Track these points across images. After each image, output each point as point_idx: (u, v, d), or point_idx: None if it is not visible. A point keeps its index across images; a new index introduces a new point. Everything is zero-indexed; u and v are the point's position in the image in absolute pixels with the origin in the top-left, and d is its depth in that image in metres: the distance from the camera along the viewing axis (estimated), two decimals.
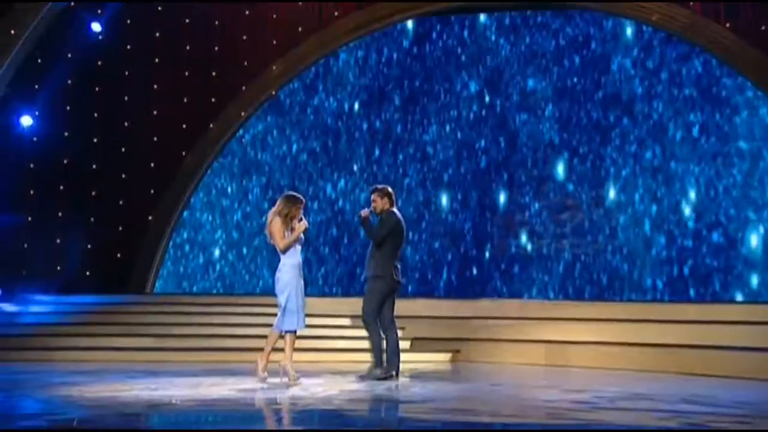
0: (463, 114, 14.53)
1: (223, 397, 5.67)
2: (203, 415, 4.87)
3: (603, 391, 6.70)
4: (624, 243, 13.99)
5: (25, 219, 13.07)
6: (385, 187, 7.67)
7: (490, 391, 6.79)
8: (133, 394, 5.80)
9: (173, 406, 5.21)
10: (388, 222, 7.44)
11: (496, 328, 10.80)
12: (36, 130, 13.55)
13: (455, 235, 14.33)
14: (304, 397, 5.89)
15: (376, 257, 7.41)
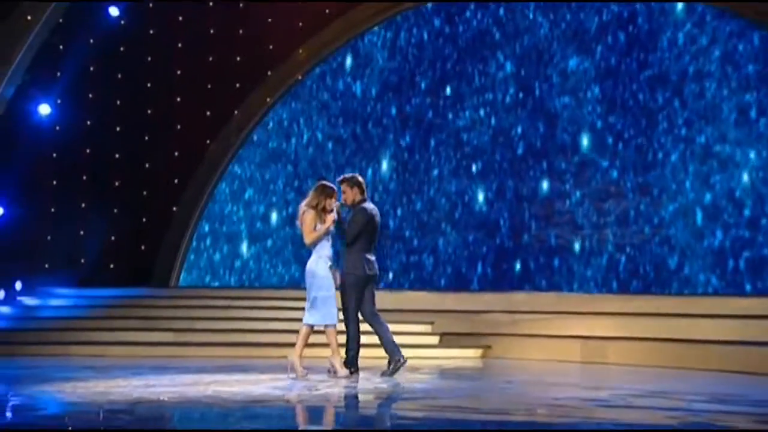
0: (498, 97, 14.31)
1: (213, 395, 5.67)
2: (181, 412, 4.86)
3: (624, 388, 6.62)
4: (673, 233, 13.64)
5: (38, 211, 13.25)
6: (354, 175, 7.59)
7: (498, 389, 6.75)
8: (124, 391, 5.88)
9: (154, 404, 5.25)
10: (358, 220, 7.39)
11: (530, 323, 10.65)
12: (58, 119, 13.72)
13: (490, 226, 14.14)
14: (282, 394, 5.81)
15: (349, 252, 7.39)
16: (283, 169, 14.81)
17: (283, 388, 6.29)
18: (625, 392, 6.24)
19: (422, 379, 7.19)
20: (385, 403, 5.63)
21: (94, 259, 14.00)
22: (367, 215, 7.44)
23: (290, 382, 6.63)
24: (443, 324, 10.98)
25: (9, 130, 11.61)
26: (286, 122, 14.87)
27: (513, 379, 7.74)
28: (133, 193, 14.12)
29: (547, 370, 8.54)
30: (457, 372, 8.44)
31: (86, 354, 9.64)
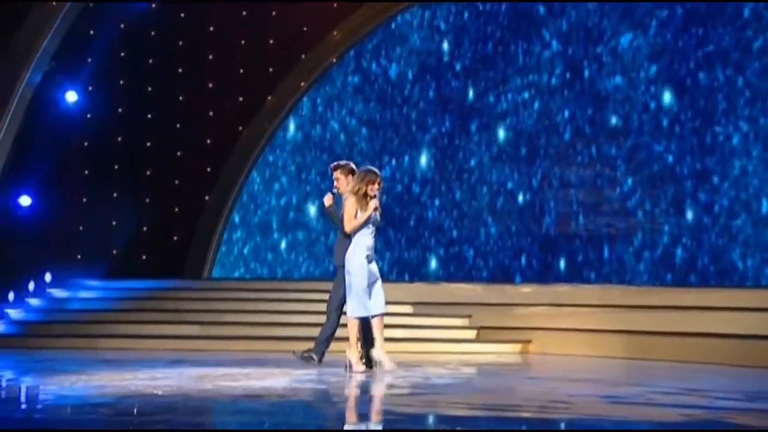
0: (543, 79, 14.06)
1: (212, 389, 5.76)
2: (159, 406, 4.95)
3: (653, 386, 6.52)
4: (734, 223, 13.25)
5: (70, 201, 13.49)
6: (348, 162, 7.52)
7: (514, 385, 6.66)
8: (122, 385, 6.02)
9: (144, 398, 5.33)
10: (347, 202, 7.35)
11: (572, 317, 10.50)
12: (89, 107, 13.95)
13: (535, 215, 13.93)
14: (273, 389, 5.81)
15: (341, 242, 7.35)
16: (318, 157, 14.83)
17: (292, 381, 6.28)
18: (652, 389, 6.16)
19: (438, 374, 7.14)
20: (368, 399, 5.61)
21: (126, 250, 14.23)
22: None
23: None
24: (481, 318, 10.89)
25: (36, 118, 11.85)
26: (320, 107, 14.88)
27: (540, 375, 7.67)
28: (165, 182, 14.32)
29: (582, 366, 8.41)
30: (484, 367, 8.37)
31: (111, 347, 9.81)
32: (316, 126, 14.98)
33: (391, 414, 4.87)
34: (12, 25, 11.24)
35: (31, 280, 12.18)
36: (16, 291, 11.86)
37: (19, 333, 10.81)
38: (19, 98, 11.22)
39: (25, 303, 11.76)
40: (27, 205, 11.99)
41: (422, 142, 14.36)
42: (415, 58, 14.51)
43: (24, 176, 11.94)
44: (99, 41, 13.85)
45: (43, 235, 12.71)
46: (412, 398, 5.63)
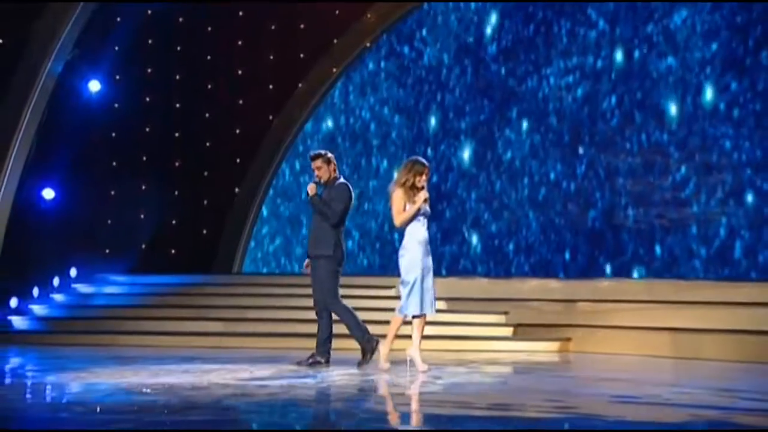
0: (588, 61, 13.77)
1: (204, 386, 5.78)
2: (135, 404, 5.01)
3: (682, 385, 6.43)
4: None
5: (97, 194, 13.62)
6: (326, 152, 7.58)
7: (530, 384, 6.58)
8: (117, 382, 6.01)
9: (131, 394, 5.43)
10: (343, 196, 7.40)
11: (616, 313, 10.30)
12: (117, 96, 14.07)
13: (580, 206, 13.67)
14: (265, 387, 5.80)
15: (327, 233, 7.35)
16: (351, 146, 14.77)
17: (292, 380, 6.27)
18: (677, 390, 6.06)
19: (454, 373, 7.04)
20: (352, 398, 5.59)
21: (155, 244, 14.35)
22: (351, 190, 7.53)
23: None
24: (519, 314, 10.75)
25: (59, 109, 11.98)
26: (352, 94, 14.81)
27: (566, 374, 7.56)
28: (194, 174, 14.40)
29: (619, 365, 8.26)
30: (512, 366, 8.24)
31: (131, 344, 9.90)
32: (348, 114, 14.92)
33: (367, 413, 4.87)
34: (32, 13, 11.38)
35: (56, 276, 12.36)
36: (41, 286, 12.05)
37: (41, 329, 10.97)
38: (41, 89, 11.35)
39: (50, 299, 11.94)
40: (50, 198, 12.14)
41: (459, 130, 14.19)
42: (452, 40, 14.34)
43: (48, 169, 12.09)
44: (125, 28, 13.95)
45: (70, 229, 12.87)
46: (402, 398, 5.58)
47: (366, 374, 6.86)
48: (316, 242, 7.39)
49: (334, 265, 7.38)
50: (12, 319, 11.18)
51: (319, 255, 7.36)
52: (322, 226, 7.38)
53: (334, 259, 7.37)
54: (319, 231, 7.40)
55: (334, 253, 7.35)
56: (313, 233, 7.46)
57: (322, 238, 7.36)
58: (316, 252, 7.40)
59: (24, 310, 11.51)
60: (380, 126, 14.68)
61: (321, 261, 7.36)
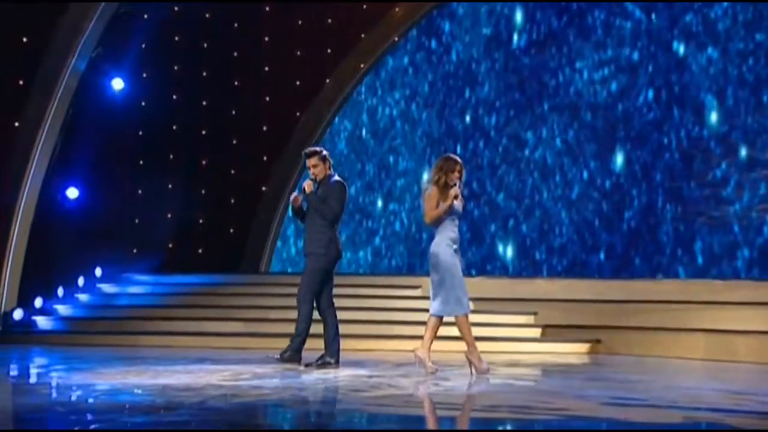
0: (623, 53, 13.60)
1: (197, 386, 5.84)
2: (110, 407, 5.09)
3: (687, 388, 6.40)
4: None
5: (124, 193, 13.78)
6: (321, 149, 7.63)
7: (533, 385, 6.64)
8: (112, 382, 6.12)
9: (120, 393, 5.56)
10: (341, 193, 7.47)
11: (648, 314, 10.20)
12: (144, 94, 14.23)
13: (615, 204, 13.51)
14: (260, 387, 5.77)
15: (322, 231, 7.40)
16: (378, 144, 14.77)
17: (290, 382, 6.30)
18: (685, 392, 6.05)
19: (462, 375, 7.03)
20: (341, 399, 5.64)
21: (182, 243, 14.50)
22: (347, 187, 7.59)
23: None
24: (547, 315, 10.68)
25: (84, 107, 12.14)
26: (380, 90, 14.81)
27: (582, 375, 7.49)
28: (222, 172, 14.51)
29: (642, 368, 8.20)
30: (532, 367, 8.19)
31: (151, 344, 10.01)
32: (375, 111, 14.92)
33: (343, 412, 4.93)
34: (56, 10, 11.57)
35: (81, 275, 12.55)
36: (66, 286, 12.24)
37: (64, 329, 11.14)
38: (65, 87, 11.51)
39: (74, 299, 12.13)
40: (74, 197, 12.32)
41: (489, 126, 14.11)
42: (482, 33, 14.26)
43: (73, 168, 12.27)
44: (152, 26, 14.11)
45: (96, 228, 13.04)
46: (386, 398, 5.59)
47: (373, 376, 6.88)
48: (310, 240, 7.44)
49: (325, 264, 7.42)
50: (36, 319, 11.38)
51: (311, 252, 7.40)
52: (318, 224, 7.43)
53: (326, 258, 7.42)
54: (314, 229, 7.45)
55: (327, 251, 7.40)
56: (308, 231, 7.50)
57: (317, 236, 7.42)
58: (309, 250, 7.45)
59: (48, 310, 11.70)
60: (409, 122, 14.66)
61: (313, 258, 7.39)
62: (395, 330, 10.52)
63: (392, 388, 6.11)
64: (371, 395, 5.69)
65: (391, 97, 14.88)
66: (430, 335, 7.15)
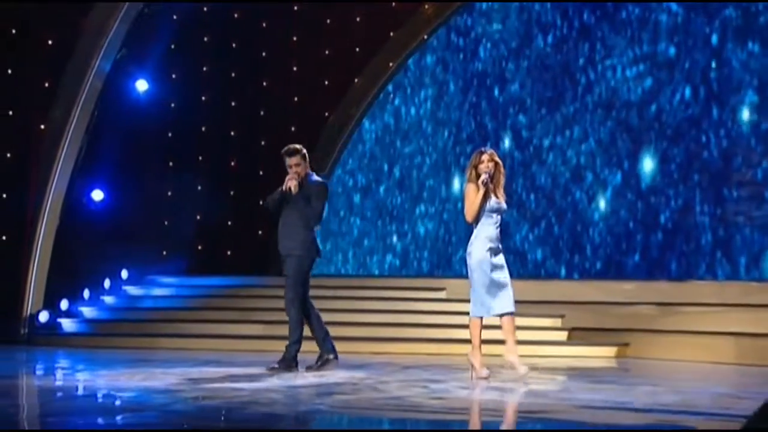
0: (659, 48, 13.41)
1: (183, 390, 5.93)
2: (86, 405, 5.24)
3: (687, 392, 6.38)
4: None
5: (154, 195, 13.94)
6: (302, 147, 7.62)
7: (532, 388, 6.59)
8: (108, 383, 6.37)
9: (108, 392, 5.77)
10: (325, 194, 7.53)
11: (680, 317, 10.07)
12: (173, 95, 14.39)
13: (652, 202, 13.32)
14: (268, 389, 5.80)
15: (302, 232, 7.40)
16: (406, 144, 14.77)
17: (281, 385, 6.36)
18: (681, 396, 6.04)
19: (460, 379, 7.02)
20: (310, 400, 5.69)
21: (211, 245, 14.63)
22: (329, 190, 7.66)
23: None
24: (575, 318, 10.58)
25: (109, 108, 12.32)
26: (409, 89, 14.80)
27: (589, 378, 7.47)
28: (250, 174, 14.60)
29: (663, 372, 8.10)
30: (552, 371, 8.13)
31: (170, 347, 10.12)
32: (404, 109, 14.92)
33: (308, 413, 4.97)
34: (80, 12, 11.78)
35: (107, 278, 12.74)
36: (92, 288, 12.44)
37: (88, 331, 11.33)
38: (90, 88, 11.71)
39: (100, 301, 12.32)
40: (100, 199, 12.51)
41: (519, 124, 14.02)
42: (512, 30, 14.17)
43: (99, 170, 12.47)
44: (182, 26, 14.26)
45: (124, 230, 13.22)
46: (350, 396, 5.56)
47: (367, 378, 6.91)
48: (290, 241, 7.44)
49: (307, 265, 7.45)
50: (62, 321, 11.60)
51: (292, 254, 7.40)
52: (298, 224, 7.44)
53: (309, 259, 7.43)
54: (294, 230, 7.45)
55: (309, 252, 7.42)
56: (287, 232, 7.49)
57: (297, 237, 7.41)
58: (289, 251, 7.44)
59: (74, 313, 11.90)
60: (439, 121, 14.63)
61: (294, 260, 7.38)
62: (418, 333, 10.51)
63: (375, 391, 6.13)
64: (345, 398, 5.74)
65: (421, 94, 14.86)
66: (472, 338, 7.11)
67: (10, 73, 11.83)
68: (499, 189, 7.14)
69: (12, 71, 11.81)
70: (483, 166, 6.97)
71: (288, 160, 7.50)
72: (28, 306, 11.56)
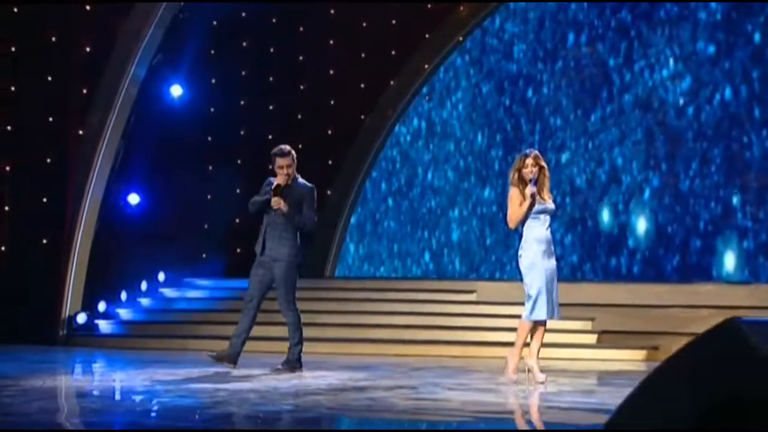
0: (699, 46, 13.29)
1: (152, 388, 6.24)
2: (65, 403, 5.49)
3: None
4: None
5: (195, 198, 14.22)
6: (291, 148, 7.80)
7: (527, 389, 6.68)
8: (103, 385, 6.73)
9: (65, 397, 6.09)
10: (315, 198, 7.77)
11: (712, 320, 9.85)
12: (213, 100, 14.68)
13: (693, 202, 13.20)
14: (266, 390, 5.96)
15: (291, 237, 7.36)
16: (442, 147, 14.85)
17: (267, 385, 6.49)
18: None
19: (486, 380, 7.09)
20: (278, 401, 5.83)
21: (250, 248, 14.84)
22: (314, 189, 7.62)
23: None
24: (606, 320, 10.54)
25: (145, 113, 12.63)
26: (446, 91, 14.88)
27: (596, 381, 7.48)
28: None
29: None
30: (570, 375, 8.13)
31: (199, 348, 10.29)
32: (441, 111, 15.00)
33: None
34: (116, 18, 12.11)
35: (145, 280, 13.06)
36: (129, 291, 12.78)
37: (123, 333, 11.67)
38: (125, 93, 12.02)
39: (137, 303, 12.65)
40: (136, 203, 12.83)
41: (555, 126, 14.00)
42: (548, 30, 14.17)
43: (135, 174, 12.78)
44: (221, 31, 14.55)
45: (162, 234, 13.52)
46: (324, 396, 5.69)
47: (360, 380, 7.05)
48: (279, 246, 7.50)
49: (296, 270, 7.52)
50: (99, 322, 11.95)
51: (282, 259, 7.48)
52: (289, 228, 7.50)
53: (297, 264, 7.51)
54: (284, 234, 7.51)
55: (296, 258, 7.51)
56: (275, 235, 7.54)
57: (287, 242, 7.48)
58: (279, 256, 7.50)
59: (111, 314, 12.24)
60: (474, 123, 14.68)
61: (284, 264, 7.52)
62: (447, 335, 10.58)
63: (356, 392, 6.26)
64: (318, 398, 5.92)
65: (456, 96, 14.93)
66: (517, 339, 7.12)
67: (50, 80, 12.21)
68: (545, 191, 7.09)
69: (51, 78, 12.18)
70: (527, 171, 6.89)
71: (279, 161, 7.58)
72: (67, 308, 11.89)
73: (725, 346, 2.91)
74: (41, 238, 12.07)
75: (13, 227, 11.87)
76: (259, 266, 7.57)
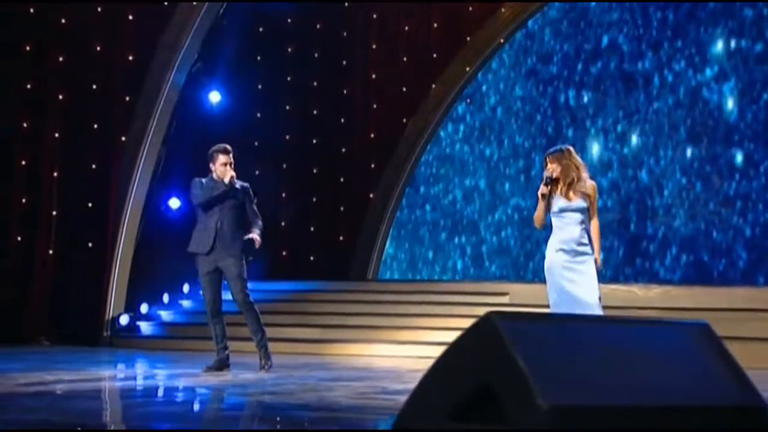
0: (742, 44, 13.10)
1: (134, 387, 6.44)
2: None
3: None
4: None
5: None
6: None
7: None
8: (99, 385, 6.85)
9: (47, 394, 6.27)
10: (251, 193, 8.13)
11: (746, 323, 9.83)
12: (258, 105, 15.04)
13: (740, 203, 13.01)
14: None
15: (241, 232, 7.89)
16: (482, 150, 14.92)
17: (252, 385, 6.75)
18: None
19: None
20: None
21: (294, 251, 15.18)
22: None
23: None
24: None
25: (185, 119, 13.00)
26: (486, 94, 14.95)
27: None
28: (331, 180, 15.09)
29: None
30: None
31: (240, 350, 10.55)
32: (482, 114, 15.07)
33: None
34: (157, 27, 12.53)
35: (186, 283, 13.45)
36: (171, 293, 13.18)
37: (163, 334, 12.05)
38: (166, 99, 12.42)
39: (178, 305, 13.04)
40: (176, 207, 13.21)
41: (600, 128, 13.94)
42: (592, 31, 14.12)
43: (177, 179, 13.15)
44: (269, 38, 14.91)
45: None
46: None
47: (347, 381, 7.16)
48: (233, 241, 7.76)
49: (246, 266, 7.77)
50: (141, 324, 12.36)
51: (236, 255, 7.73)
52: (241, 225, 7.77)
53: (244, 260, 7.78)
54: (234, 230, 7.78)
55: (246, 252, 7.75)
56: (228, 231, 7.80)
57: (238, 237, 7.76)
58: (234, 252, 7.75)
59: (152, 316, 12.65)
60: (517, 125, 14.71)
61: (237, 260, 7.84)
62: None
63: (312, 392, 6.35)
64: (264, 398, 6.08)
65: (498, 98, 14.98)
66: None
67: (94, 88, 12.69)
68: (572, 188, 6.81)
69: (96, 87, 12.67)
70: (550, 170, 6.75)
71: (224, 158, 7.86)
72: (110, 309, 12.32)
73: (480, 340, 3.07)
74: (86, 242, 12.51)
75: (59, 231, 12.34)
76: (204, 267, 7.85)
